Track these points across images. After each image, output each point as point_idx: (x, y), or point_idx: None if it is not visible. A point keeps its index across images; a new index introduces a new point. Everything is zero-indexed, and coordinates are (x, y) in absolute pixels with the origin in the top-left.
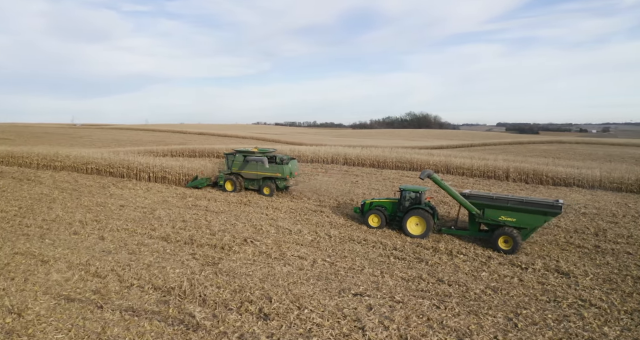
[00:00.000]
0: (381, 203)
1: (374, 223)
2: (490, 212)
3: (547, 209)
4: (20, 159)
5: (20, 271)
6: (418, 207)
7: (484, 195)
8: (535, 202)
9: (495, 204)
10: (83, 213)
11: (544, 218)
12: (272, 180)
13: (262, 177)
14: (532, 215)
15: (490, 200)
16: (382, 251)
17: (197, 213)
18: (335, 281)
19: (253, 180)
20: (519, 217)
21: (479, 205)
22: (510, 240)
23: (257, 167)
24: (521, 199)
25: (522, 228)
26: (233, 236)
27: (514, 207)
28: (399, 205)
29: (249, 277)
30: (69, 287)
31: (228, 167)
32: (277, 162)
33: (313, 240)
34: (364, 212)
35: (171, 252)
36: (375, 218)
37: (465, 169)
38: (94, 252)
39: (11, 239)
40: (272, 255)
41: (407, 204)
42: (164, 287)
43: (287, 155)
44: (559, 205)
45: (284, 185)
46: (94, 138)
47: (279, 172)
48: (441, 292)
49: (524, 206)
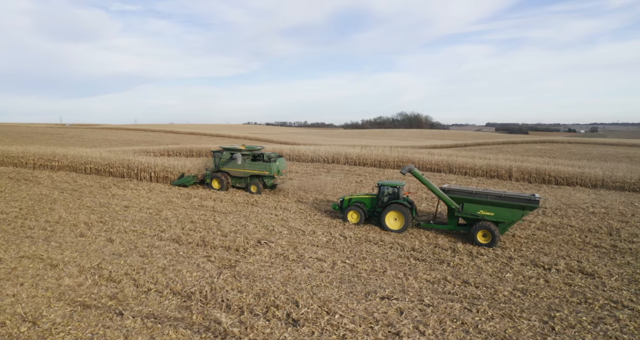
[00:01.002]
0: (360, 199)
1: (353, 219)
2: (469, 207)
3: (524, 203)
4: (15, 158)
5: (29, 276)
6: (396, 202)
7: (463, 190)
8: (513, 196)
9: (474, 199)
10: (87, 214)
11: (521, 212)
12: (259, 178)
13: (250, 175)
14: (510, 210)
15: (470, 195)
16: (401, 252)
17: (205, 214)
18: (359, 284)
19: (240, 178)
20: (497, 212)
21: (458, 199)
22: (489, 234)
23: (245, 165)
24: (499, 193)
25: (500, 222)
26: (246, 237)
27: (493, 202)
28: (378, 201)
29: (270, 281)
30: (83, 292)
31: (215, 165)
32: (265, 160)
33: (328, 241)
34: (343, 209)
35: (184, 254)
36: (355, 214)
37: (467, 169)
38: (104, 255)
39: (15, 241)
40: (289, 257)
41: (385, 199)
42: (183, 291)
43: (275, 153)
44: (536, 200)
45: (272, 183)
46: (84, 138)
47: (266, 170)
48: (469, 294)
49: (503, 201)
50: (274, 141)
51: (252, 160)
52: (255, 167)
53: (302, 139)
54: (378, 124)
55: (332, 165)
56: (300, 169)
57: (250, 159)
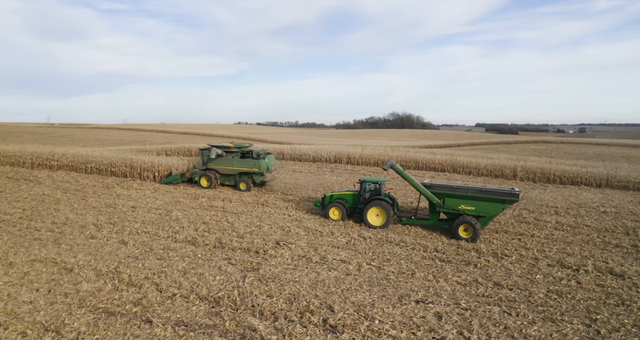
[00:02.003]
0: (342, 195)
1: (335, 216)
2: (450, 202)
3: (505, 197)
4: (12, 157)
5: (44, 281)
6: (378, 198)
7: (445, 185)
8: (494, 190)
9: (455, 193)
10: (94, 215)
11: (501, 206)
12: (248, 176)
13: (239, 172)
14: (490, 204)
15: (451, 190)
16: (425, 253)
17: (216, 214)
18: (390, 287)
19: (229, 176)
20: (478, 206)
21: (439, 194)
22: (470, 228)
23: (234, 162)
24: (480, 188)
25: (481, 216)
26: (263, 239)
27: (473, 196)
28: (360, 197)
29: (297, 284)
30: (104, 298)
31: (203, 163)
32: (254, 157)
33: (348, 242)
34: (325, 206)
35: (203, 256)
36: (336, 211)
37: (472, 168)
38: (119, 258)
39: (23, 244)
40: (312, 259)
41: (367, 195)
42: (210, 296)
43: (264, 150)
44: (516, 194)
45: (261, 180)
46: (75, 137)
47: (255, 167)
48: (504, 297)
49: (483, 195)
50: (267, 141)
51: (240, 158)
52: (244, 165)
53: (296, 139)
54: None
55: (335, 165)
56: (303, 169)
57: (239, 156)
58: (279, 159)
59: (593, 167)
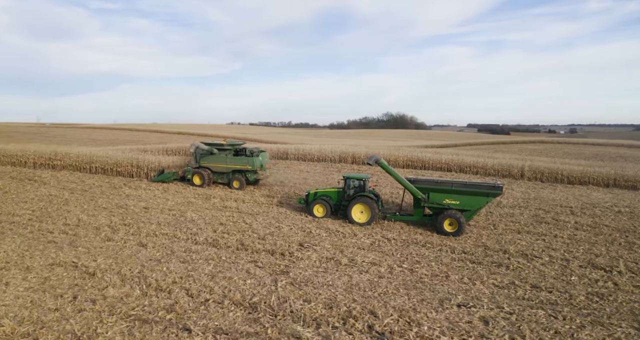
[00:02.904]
0: (326, 192)
1: (319, 213)
2: (435, 196)
3: (489, 190)
4: (13, 157)
5: (66, 286)
6: (362, 195)
7: (429, 180)
8: (478, 184)
9: (440, 188)
10: (106, 216)
11: (485, 199)
12: (242, 173)
13: (232, 170)
14: (475, 197)
15: (435, 184)
16: (453, 255)
17: (232, 215)
18: (427, 290)
19: (222, 174)
20: (462, 200)
21: (424, 189)
22: (455, 222)
23: (227, 160)
24: (464, 182)
25: (465, 210)
26: (285, 240)
27: (458, 190)
28: (344, 194)
29: (332, 288)
30: (133, 304)
31: (196, 161)
32: (247, 155)
33: (372, 243)
34: (309, 203)
35: (227, 259)
36: (321, 208)
37: (479, 168)
38: (141, 262)
39: (38, 247)
40: (341, 261)
41: (351, 192)
42: (245, 302)
43: (258, 148)
44: (499, 186)
45: (255, 178)
46: (68, 137)
47: (249, 165)
48: (545, 300)
49: (467, 189)
50: (264, 141)
51: (234, 155)
52: (238, 162)
53: (291, 139)
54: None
55: (340, 164)
56: (310, 169)
57: (233, 154)
58: (282, 159)
59: (599, 167)
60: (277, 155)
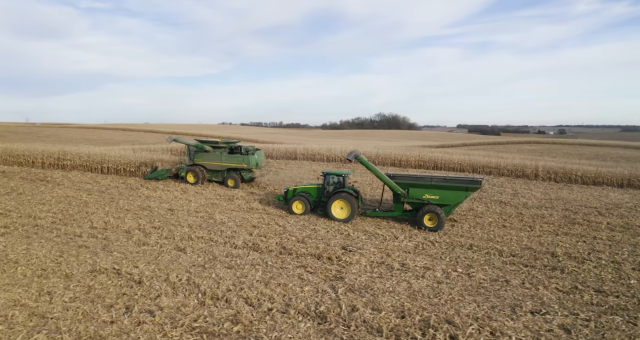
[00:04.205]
0: (305, 189)
1: (298, 210)
2: (414, 191)
3: (468, 184)
4: (21, 157)
5: (114, 295)
6: (342, 191)
7: (409, 175)
8: (457, 179)
9: (419, 183)
10: (133, 219)
11: (465, 194)
12: (237, 172)
13: (227, 168)
14: (454, 192)
15: (415, 179)
16: (503, 258)
17: (262, 217)
18: (492, 296)
19: (217, 172)
20: (442, 195)
21: (404, 185)
22: (435, 217)
23: (222, 158)
24: (443, 177)
25: (445, 205)
26: (326, 244)
27: (437, 185)
28: (323, 190)
29: (395, 295)
30: (194, 315)
31: (190, 158)
32: (242, 153)
33: (416, 246)
34: (288, 200)
35: (274, 264)
36: (300, 204)
37: (492, 168)
38: (185, 268)
39: (71, 252)
40: (392, 266)
41: (331, 188)
42: (311, 311)
43: (253, 146)
44: (478, 181)
45: (250, 176)
46: (61, 137)
47: (244, 163)
48: (614, 305)
49: (447, 183)
50: (259, 141)
51: (229, 153)
52: (233, 160)
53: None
54: (357, 125)
55: (351, 165)
56: (322, 169)
57: (227, 151)
58: (290, 159)
59: (611, 167)
60: (286, 155)
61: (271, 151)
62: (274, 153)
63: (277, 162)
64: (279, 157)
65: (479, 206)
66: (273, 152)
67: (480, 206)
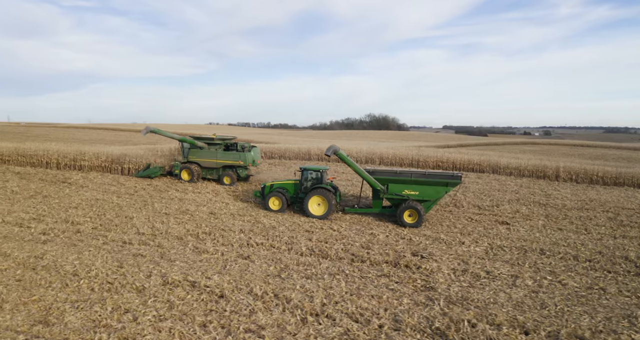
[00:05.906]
0: (282, 185)
1: (275, 206)
2: (394, 187)
3: (448, 179)
4: (34, 157)
5: (202, 312)
6: (320, 187)
7: (388, 171)
8: (437, 174)
9: (399, 179)
10: (179, 223)
11: (444, 189)
12: (232, 169)
13: (222, 165)
14: (434, 187)
15: (394, 175)
16: (582, 264)
17: (311, 221)
18: (597, 306)
19: (212, 169)
20: (421, 190)
21: (383, 180)
22: (415, 213)
23: (217, 155)
24: (423, 172)
25: (425, 200)
26: (394, 250)
27: (417, 181)
28: (301, 186)
29: (500, 306)
30: (301, 335)
31: (184, 156)
32: (238, 150)
33: (487, 252)
34: (264, 196)
35: (353, 273)
36: (276, 201)
37: (512, 169)
38: (262, 278)
39: (128, 262)
40: (479, 274)
41: (308, 184)
42: (425, 327)
43: (249, 143)
44: (458, 176)
45: (246, 174)
46: (51, 137)
47: (240, 160)
48: None
49: (426, 179)
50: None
51: (224, 150)
52: (228, 157)
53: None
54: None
55: (365, 165)
56: (339, 169)
57: (223, 148)
58: (305, 160)
59: (629, 168)
60: (299, 155)
61: (265, 150)
62: (268, 152)
63: (270, 161)
64: (273, 156)
65: (521, 208)
66: (267, 151)
67: (523, 208)
